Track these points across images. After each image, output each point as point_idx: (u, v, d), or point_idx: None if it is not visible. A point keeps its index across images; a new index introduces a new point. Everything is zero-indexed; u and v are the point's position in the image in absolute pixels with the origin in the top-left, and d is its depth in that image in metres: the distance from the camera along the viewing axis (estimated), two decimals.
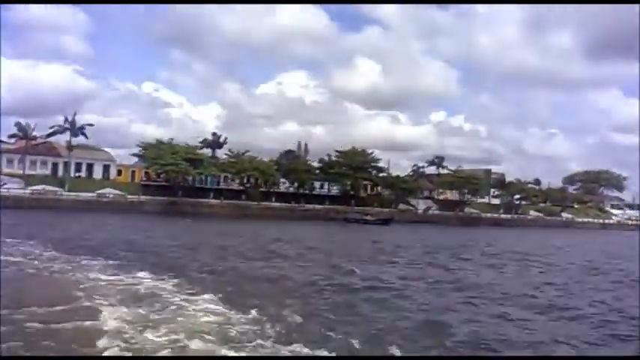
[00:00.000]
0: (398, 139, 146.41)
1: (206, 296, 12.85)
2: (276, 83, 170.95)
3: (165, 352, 8.42)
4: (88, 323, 9.86)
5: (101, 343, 8.68)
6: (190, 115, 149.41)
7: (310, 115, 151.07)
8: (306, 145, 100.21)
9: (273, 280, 16.71)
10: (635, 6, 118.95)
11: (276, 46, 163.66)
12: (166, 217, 54.74)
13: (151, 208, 63.07)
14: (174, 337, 9.18)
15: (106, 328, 9.49)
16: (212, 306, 11.94)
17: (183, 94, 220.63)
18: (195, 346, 8.73)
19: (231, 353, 8.51)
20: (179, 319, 10.52)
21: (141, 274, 15.96)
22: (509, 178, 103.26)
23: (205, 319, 10.66)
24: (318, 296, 14.29)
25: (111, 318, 10.21)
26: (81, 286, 13.31)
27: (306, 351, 8.86)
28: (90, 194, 63.05)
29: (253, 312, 11.20)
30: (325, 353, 8.35)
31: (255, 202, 71.87)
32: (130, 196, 65.62)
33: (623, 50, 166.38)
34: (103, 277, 15.10)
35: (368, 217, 69.04)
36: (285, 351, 8.74)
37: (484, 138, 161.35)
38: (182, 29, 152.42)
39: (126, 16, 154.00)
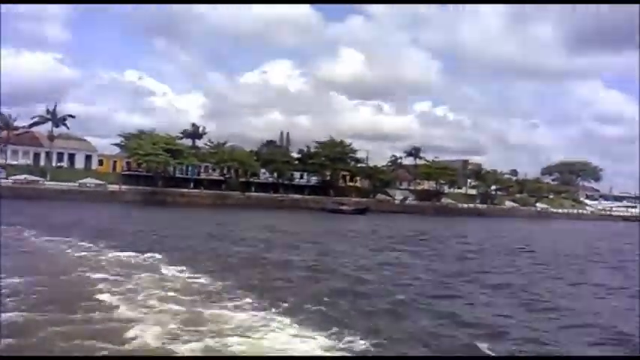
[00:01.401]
0: (382, 129, 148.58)
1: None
2: (260, 72, 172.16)
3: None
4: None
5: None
6: (174, 103, 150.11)
7: (295, 104, 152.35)
8: (287, 134, 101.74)
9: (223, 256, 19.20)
10: None
11: (261, 35, 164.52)
12: (145, 206, 56.38)
13: (131, 197, 64.45)
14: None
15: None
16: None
17: (168, 83, 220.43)
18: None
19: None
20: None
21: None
22: (492, 168, 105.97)
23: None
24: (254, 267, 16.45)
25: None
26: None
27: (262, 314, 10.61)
28: (71, 184, 64.36)
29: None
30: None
31: (235, 192, 73.53)
32: (110, 186, 66.96)
33: (604, 42, 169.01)
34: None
35: (345, 207, 70.76)
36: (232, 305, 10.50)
37: (467, 128, 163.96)
38: (167, 18, 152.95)
39: (109, 6, 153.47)
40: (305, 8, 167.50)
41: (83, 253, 17.72)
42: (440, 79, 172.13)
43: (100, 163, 77.30)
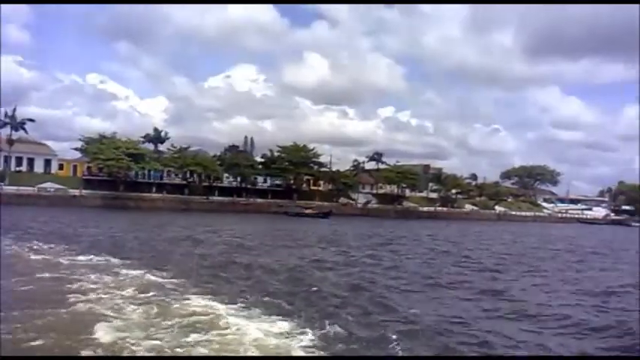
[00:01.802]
0: (347, 133, 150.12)
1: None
2: (225, 77, 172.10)
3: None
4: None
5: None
6: (137, 108, 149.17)
7: (260, 109, 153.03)
8: (252, 139, 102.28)
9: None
10: (568, 6, 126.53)
11: (225, 39, 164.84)
12: (106, 211, 56.30)
13: (93, 202, 64.14)
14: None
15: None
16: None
17: (131, 87, 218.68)
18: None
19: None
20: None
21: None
22: (453, 173, 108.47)
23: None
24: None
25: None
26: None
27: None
28: (30, 188, 63.67)
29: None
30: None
31: (198, 196, 73.76)
32: (71, 190, 66.48)
33: (561, 49, 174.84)
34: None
35: (308, 211, 71.67)
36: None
37: (431, 133, 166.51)
38: (128, 21, 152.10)
39: (70, 7, 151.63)
40: (270, 13, 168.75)
41: (43, 257, 18.11)
42: (403, 85, 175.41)
43: (60, 167, 76.45)
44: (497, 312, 12.74)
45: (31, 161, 74.72)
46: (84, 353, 8.33)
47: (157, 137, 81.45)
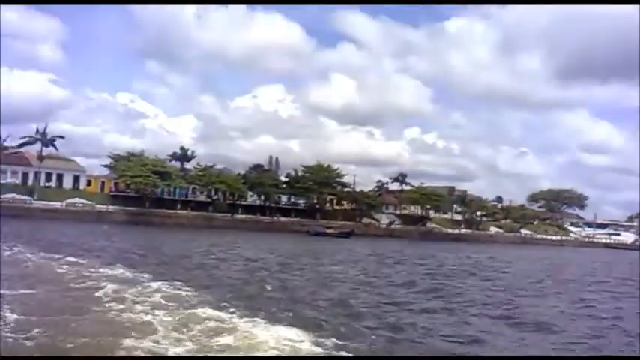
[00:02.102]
0: (373, 154, 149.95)
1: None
2: (251, 96, 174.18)
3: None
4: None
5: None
6: (165, 126, 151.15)
7: (286, 128, 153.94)
8: (277, 159, 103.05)
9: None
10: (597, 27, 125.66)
11: (252, 59, 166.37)
12: (132, 226, 57.12)
13: (119, 217, 65.06)
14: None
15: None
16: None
17: (159, 106, 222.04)
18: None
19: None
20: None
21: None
22: (478, 195, 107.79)
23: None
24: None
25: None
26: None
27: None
28: (59, 203, 64.97)
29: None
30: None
31: (222, 214, 74.35)
32: (98, 206, 67.64)
33: (591, 72, 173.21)
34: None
35: (330, 230, 71.77)
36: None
37: (457, 155, 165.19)
38: (158, 40, 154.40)
39: (102, 26, 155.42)
40: (297, 34, 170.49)
41: (76, 268, 18.51)
42: (430, 107, 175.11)
43: (89, 183, 77.96)
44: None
45: (60, 177, 76.34)
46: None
47: (184, 156, 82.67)
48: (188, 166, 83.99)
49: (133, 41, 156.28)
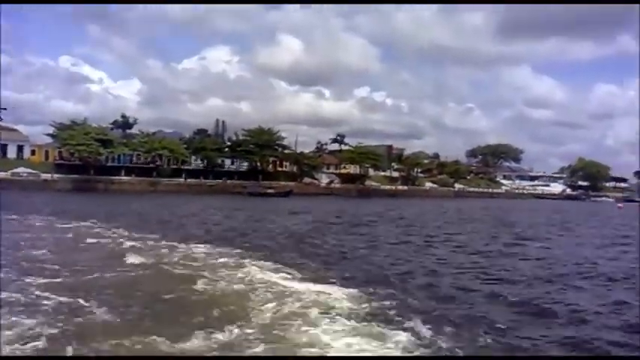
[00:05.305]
0: (323, 114, 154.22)
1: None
2: (198, 59, 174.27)
3: None
4: None
5: None
6: (111, 90, 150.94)
7: (235, 90, 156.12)
8: (223, 122, 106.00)
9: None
10: None
11: (198, 21, 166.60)
12: (76, 193, 60.19)
13: (64, 185, 67.56)
14: None
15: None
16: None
17: (104, 70, 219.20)
18: None
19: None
20: None
21: None
22: (429, 152, 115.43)
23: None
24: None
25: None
26: None
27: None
28: (3, 173, 67.00)
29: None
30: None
31: (165, 179, 77.70)
32: (43, 175, 69.92)
33: (531, 28, 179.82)
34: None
35: (269, 191, 76.19)
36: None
37: (406, 113, 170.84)
38: (96, 4, 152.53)
39: None
40: None
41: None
42: (378, 65, 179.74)
43: (33, 152, 79.70)
44: None
45: (3, 147, 77.62)
46: None
47: (126, 123, 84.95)
48: (135, 130, 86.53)
49: (71, 4, 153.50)
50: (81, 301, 9.32)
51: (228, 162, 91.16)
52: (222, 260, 14.38)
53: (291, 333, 7.96)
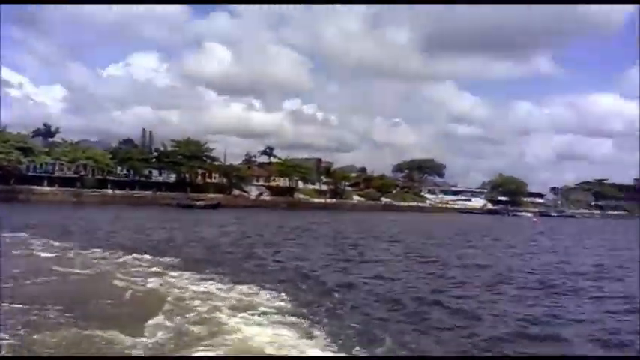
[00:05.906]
0: (254, 126, 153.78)
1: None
2: (124, 65, 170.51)
3: None
4: None
5: None
6: (33, 96, 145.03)
7: (163, 98, 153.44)
8: (150, 132, 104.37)
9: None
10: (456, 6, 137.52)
11: (124, 27, 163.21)
12: None
13: None
14: None
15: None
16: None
17: (24, 74, 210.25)
18: None
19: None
20: None
21: None
22: (358, 166, 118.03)
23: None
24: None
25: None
26: None
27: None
28: None
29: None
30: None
31: (90, 190, 75.98)
32: None
33: (456, 46, 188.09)
34: None
35: (198, 203, 76.01)
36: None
37: (335, 127, 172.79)
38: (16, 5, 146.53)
39: None
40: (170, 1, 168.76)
41: None
42: (308, 78, 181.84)
43: None
44: None
45: None
46: None
47: (48, 132, 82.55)
48: (58, 139, 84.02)
49: None
50: None
51: (155, 173, 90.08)
52: (151, 270, 15.08)
53: (220, 329, 8.83)
